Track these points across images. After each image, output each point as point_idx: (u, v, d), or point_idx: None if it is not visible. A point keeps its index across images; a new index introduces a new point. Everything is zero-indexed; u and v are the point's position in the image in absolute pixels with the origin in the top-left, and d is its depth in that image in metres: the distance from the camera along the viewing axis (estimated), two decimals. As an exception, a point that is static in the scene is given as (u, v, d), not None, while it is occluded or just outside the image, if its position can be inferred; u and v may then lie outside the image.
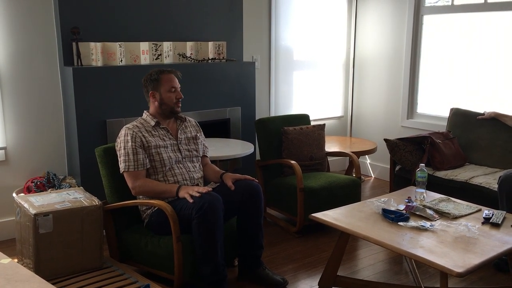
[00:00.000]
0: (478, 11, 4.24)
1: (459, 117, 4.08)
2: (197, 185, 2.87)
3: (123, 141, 2.76)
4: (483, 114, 3.94)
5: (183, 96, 2.88)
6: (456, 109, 4.14)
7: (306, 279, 2.97)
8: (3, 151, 3.44)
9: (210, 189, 2.66)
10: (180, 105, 2.89)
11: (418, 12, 4.63)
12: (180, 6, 3.89)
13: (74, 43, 3.39)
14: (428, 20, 4.62)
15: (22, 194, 3.05)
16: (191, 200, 2.55)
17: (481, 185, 3.40)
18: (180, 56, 3.86)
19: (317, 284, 2.84)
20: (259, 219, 2.82)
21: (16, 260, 2.65)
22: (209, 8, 4.05)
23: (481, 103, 4.22)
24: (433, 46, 4.61)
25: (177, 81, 2.87)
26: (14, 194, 3.23)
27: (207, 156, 3.07)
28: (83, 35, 3.41)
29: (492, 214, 2.63)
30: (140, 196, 2.80)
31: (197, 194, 2.56)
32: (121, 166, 2.75)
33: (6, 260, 2.13)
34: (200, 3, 3.99)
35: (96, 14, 3.52)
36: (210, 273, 2.57)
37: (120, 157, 2.76)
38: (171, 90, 2.83)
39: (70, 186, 3.36)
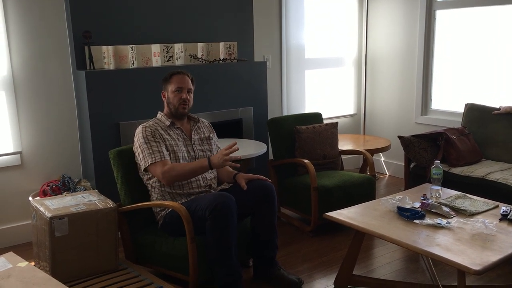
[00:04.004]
0: (491, 5, 4.17)
1: (474, 112, 4.02)
2: (210, 185, 2.87)
3: (142, 136, 2.76)
4: (498, 109, 3.87)
5: (188, 97, 2.86)
6: (471, 105, 4.08)
7: (321, 279, 2.95)
8: (18, 155, 3.48)
9: (234, 144, 2.68)
10: (186, 106, 2.86)
11: (430, 7, 4.58)
12: (190, 8, 3.90)
13: (86, 47, 3.42)
14: (441, 15, 4.57)
15: (38, 198, 3.08)
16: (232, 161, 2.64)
17: (498, 181, 3.34)
18: (191, 57, 3.87)
19: (332, 283, 2.82)
20: (273, 219, 2.81)
21: (33, 263, 2.68)
22: (219, 8, 4.05)
23: (496, 98, 4.16)
24: (447, 41, 4.56)
25: (187, 82, 2.86)
26: (30, 198, 3.27)
27: (220, 157, 3.06)
28: (95, 39, 3.44)
29: (510, 211, 2.58)
30: (154, 198, 2.81)
31: (228, 158, 2.61)
32: (146, 160, 2.72)
33: (23, 263, 2.15)
34: (210, 4, 4.00)
35: (107, 18, 3.55)
36: (225, 274, 2.57)
37: (142, 153, 2.74)
38: (177, 90, 2.83)
39: (85, 189, 3.38)
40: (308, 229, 3.58)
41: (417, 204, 2.70)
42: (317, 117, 4.10)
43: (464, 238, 2.32)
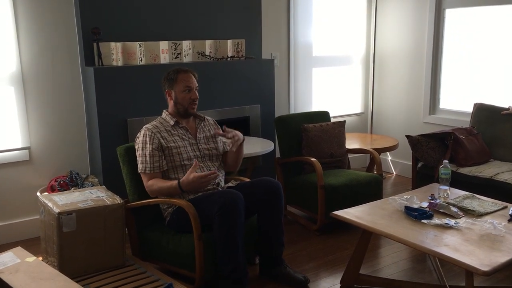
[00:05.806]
0: (501, 4, 4.14)
1: (483, 112, 4.00)
2: (218, 183, 2.87)
3: (141, 141, 2.77)
4: (507, 109, 3.85)
5: (198, 96, 2.86)
6: (480, 104, 4.06)
7: (328, 277, 2.95)
8: (27, 151, 3.50)
9: (214, 172, 2.67)
10: (195, 105, 2.86)
11: (439, 5, 4.55)
12: (198, 5, 3.90)
13: (95, 44, 3.42)
14: (450, 14, 4.54)
15: (46, 193, 3.09)
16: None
17: (507, 181, 3.32)
18: (199, 54, 3.87)
19: (339, 282, 2.82)
20: (279, 217, 2.81)
21: (41, 259, 2.69)
22: (228, 6, 4.05)
23: (505, 98, 4.13)
24: (456, 40, 4.53)
25: (194, 81, 2.85)
26: (38, 193, 3.28)
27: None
28: (103, 35, 3.44)
29: (519, 211, 2.57)
30: (160, 195, 2.82)
31: (207, 185, 2.64)
32: (139, 166, 2.77)
33: (31, 258, 2.17)
34: (219, 2, 3.99)
35: (116, 15, 3.55)
36: (231, 271, 2.57)
37: (138, 157, 2.78)
38: (186, 90, 2.82)
39: (93, 185, 3.40)
40: (314, 228, 3.58)
41: (425, 204, 2.69)
42: (324, 115, 4.08)
43: (472, 239, 2.31)
